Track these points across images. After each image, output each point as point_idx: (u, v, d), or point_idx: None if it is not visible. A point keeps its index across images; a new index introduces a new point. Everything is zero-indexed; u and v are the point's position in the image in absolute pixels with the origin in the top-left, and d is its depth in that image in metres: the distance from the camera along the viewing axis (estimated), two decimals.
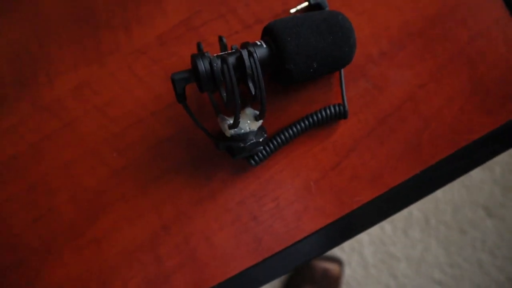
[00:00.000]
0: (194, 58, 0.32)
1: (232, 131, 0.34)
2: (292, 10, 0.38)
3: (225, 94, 0.33)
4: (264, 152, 0.37)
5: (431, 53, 0.39)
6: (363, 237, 0.99)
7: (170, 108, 0.39)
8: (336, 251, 1.00)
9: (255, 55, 0.31)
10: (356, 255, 1.00)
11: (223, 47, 0.35)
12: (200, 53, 0.32)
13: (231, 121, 0.34)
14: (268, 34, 0.34)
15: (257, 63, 0.31)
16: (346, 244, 0.98)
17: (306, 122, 0.37)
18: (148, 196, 0.39)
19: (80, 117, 0.39)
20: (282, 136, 0.37)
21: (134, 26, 0.39)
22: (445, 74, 0.39)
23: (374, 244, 1.00)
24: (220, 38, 0.35)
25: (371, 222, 0.39)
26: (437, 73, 0.39)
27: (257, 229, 0.39)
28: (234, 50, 0.33)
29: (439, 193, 0.98)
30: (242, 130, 0.34)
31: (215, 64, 0.31)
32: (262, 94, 0.31)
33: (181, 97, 0.33)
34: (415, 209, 0.99)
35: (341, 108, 0.37)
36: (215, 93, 0.37)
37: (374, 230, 0.98)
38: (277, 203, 0.39)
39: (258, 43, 0.33)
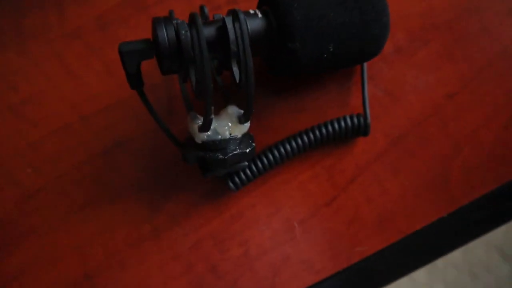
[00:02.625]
0: (154, 22, 0.22)
1: (205, 136, 0.24)
2: None
3: (195, 79, 0.22)
4: (249, 171, 0.27)
5: (463, 52, 0.29)
6: None
7: (110, 112, 0.29)
8: None
9: (242, 19, 0.21)
10: None
11: (205, 20, 0.25)
12: (165, 16, 0.22)
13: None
14: (267, 0, 0.24)
15: (245, 33, 0.21)
16: None
17: (312, 137, 0.27)
18: (70, 230, 0.29)
19: None
20: (277, 152, 0.27)
21: (68, 2, 0.30)
22: (483, 81, 0.29)
23: None
24: (201, 8, 0.25)
25: (378, 282, 0.28)
26: (472, 80, 0.29)
27: (216, 284, 0.28)
28: (215, 19, 0.23)
29: None
30: (219, 136, 0.24)
31: (183, 32, 0.21)
32: (249, 78, 0.21)
33: (134, 79, 0.22)
34: None
35: (361, 120, 0.27)
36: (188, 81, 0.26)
37: None
38: (245, 250, 0.28)
39: (252, 11, 0.23)
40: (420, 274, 0.86)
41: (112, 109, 0.29)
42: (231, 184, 0.26)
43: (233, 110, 0.24)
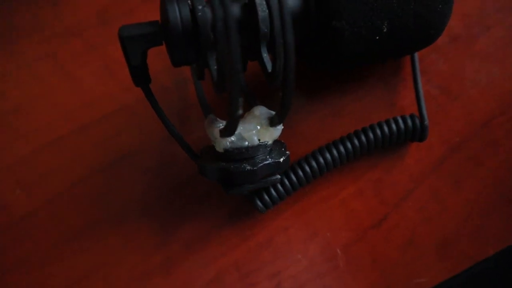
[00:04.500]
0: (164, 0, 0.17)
1: (228, 143, 0.19)
2: None
3: (216, 68, 0.18)
4: (282, 187, 0.22)
5: None
6: None
7: (111, 120, 0.25)
8: None
9: None
10: None
11: None
12: None
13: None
14: None
15: (285, 8, 0.16)
16: None
17: (357, 144, 0.22)
18: (64, 262, 0.24)
19: None
20: (316, 163, 0.22)
21: None
22: None
23: None
24: None
25: None
26: None
27: None
28: None
29: None
30: (246, 142, 0.19)
31: (199, 7, 0.17)
32: (290, 70, 0.16)
33: (138, 72, 0.19)
34: None
35: (417, 122, 0.22)
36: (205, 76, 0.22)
37: None
38: (277, 283, 0.24)
39: None
40: None
41: (114, 117, 0.25)
42: (259, 203, 0.22)
43: (262, 111, 0.20)
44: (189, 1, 0.17)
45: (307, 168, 0.22)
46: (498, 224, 0.24)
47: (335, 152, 0.22)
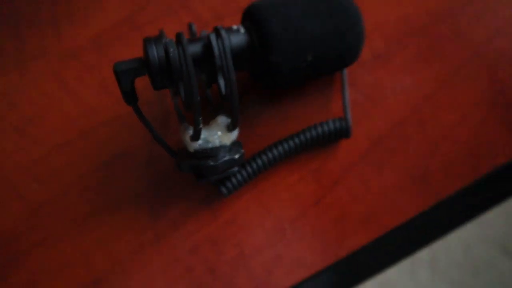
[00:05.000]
0: (145, 42, 0.23)
1: (197, 145, 0.25)
2: None
3: (183, 93, 0.24)
4: (239, 176, 0.28)
5: (438, 55, 0.31)
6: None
7: (107, 126, 0.31)
8: None
9: (223, 35, 0.23)
10: None
11: (193, 37, 0.27)
12: (155, 36, 0.24)
13: None
14: (249, 17, 0.25)
15: (227, 47, 0.23)
16: None
17: (297, 141, 0.28)
18: (75, 241, 0.30)
19: None
20: (265, 157, 0.28)
21: (64, 24, 0.32)
22: (457, 82, 0.31)
23: None
24: (190, 26, 0.27)
25: (365, 273, 0.29)
26: (446, 81, 0.31)
27: (214, 285, 0.29)
28: (201, 37, 0.25)
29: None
30: (210, 144, 0.25)
31: (171, 49, 0.23)
32: (233, 91, 0.23)
33: (129, 96, 0.24)
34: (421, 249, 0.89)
35: (343, 123, 0.29)
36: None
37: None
38: (240, 251, 0.29)
39: (235, 27, 0.25)
40: (424, 274, 0.87)
41: (109, 124, 0.30)
42: (223, 189, 0.28)
43: (222, 120, 0.26)
44: (163, 43, 0.23)
45: (260, 161, 0.28)
46: (408, 200, 0.30)
47: (281, 148, 0.29)
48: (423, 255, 0.90)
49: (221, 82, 0.24)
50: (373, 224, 0.30)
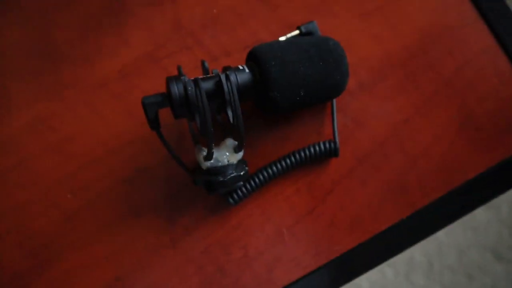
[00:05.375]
0: (168, 80, 0.29)
1: (208, 163, 0.31)
2: (282, 38, 0.35)
3: (199, 122, 0.29)
4: (244, 189, 0.33)
5: (414, 84, 0.36)
6: (363, 283, 0.92)
7: (131, 146, 0.35)
8: None
9: (232, 78, 0.28)
10: None
11: (205, 72, 0.32)
12: (176, 75, 0.29)
13: None
14: (252, 58, 0.31)
15: (234, 87, 0.28)
16: None
17: (293, 159, 0.33)
18: (102, 243, 0.34)
19: (34, 155, 0.35)
20: (266, 173, 0.33)
21: (95, 59, 0.36)
22: (431, 107, 0.36)
23: None
24: (202, 63, 0.32)
25: (353, 273, 0.34)
26: (422, 107, 0.36)
27: (223, 282, 0.34)
28: (214, 75, 0.30)
29: (442, 236, 0.92)
30: (220, 163, 0.31)
31: (189, 88, 0.28)
32: (239, 122, 0.28)
33: (153, 123, 0.29)
34: (417, 253, 0.92)
35: (332, 145, 0.34)
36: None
37: (375, 275, 0.91)
38: (245, 253, 0.34)
39: (241, 67, 0.30)
40: (419, 277, 0.91)
41: (134, 144, 0.35)
42: (230, 200, 0.33)
43: (230, 142, 0.31)
44: (183, 81, 0.29)
45: (261, 176, 0.33)
46: (388, 209, 0.34)
47: (280, 165, 0.34)
48: (418, 259, 0.94)
49: (230, 113, 0.29)
50: (359, 230, 0.34)
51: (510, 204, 0.94)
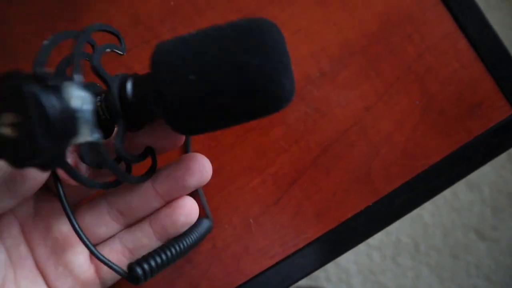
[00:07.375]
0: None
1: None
2: None
3: None
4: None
5: (375, 71, 0.36)
6: (351, 266, 0.94)
7: None
8: (322, 282, 0.94)
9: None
10: (344, 285, 0.95)
11: None
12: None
13: None
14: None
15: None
16: (333, 274, 0.93)
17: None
18: None
19: None
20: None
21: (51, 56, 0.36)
22: (393, 94, 0.36)
23: (362, 274, 0.94)
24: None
25: (321, 261, 0.35)
26: (384, 94, 0.36)
27: (192, 273, 0.34)
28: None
29: (427, 217, 0.93)
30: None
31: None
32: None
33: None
34: (403, 235, 0.94)
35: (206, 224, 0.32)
36: None
37: (362, 258, 0.93)
38: (213, 244, 0.35)
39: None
40: (406, 259, 0.93)
41: None
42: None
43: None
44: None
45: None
46: (353, 197, 0.35)
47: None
48: (405, 241, 0.95)
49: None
50: (325, 219, 0.35)
51: (492, 185, 0.96)
